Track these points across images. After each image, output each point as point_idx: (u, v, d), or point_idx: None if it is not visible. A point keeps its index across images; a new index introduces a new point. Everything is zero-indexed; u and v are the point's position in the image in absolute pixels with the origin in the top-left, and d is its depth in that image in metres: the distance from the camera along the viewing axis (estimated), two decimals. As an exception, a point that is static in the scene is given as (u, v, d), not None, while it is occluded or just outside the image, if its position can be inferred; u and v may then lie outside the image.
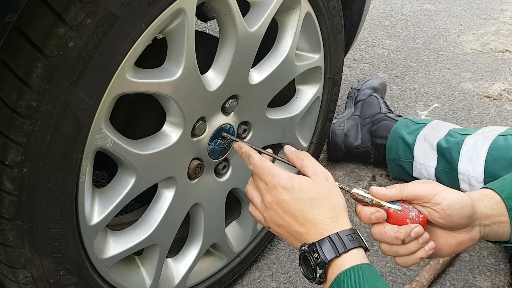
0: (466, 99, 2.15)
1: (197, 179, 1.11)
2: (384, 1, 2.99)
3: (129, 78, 0.85)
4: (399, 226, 0.88)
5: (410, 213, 0.89)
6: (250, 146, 0.98)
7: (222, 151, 1.12)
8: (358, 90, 1.88)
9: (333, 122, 1.77)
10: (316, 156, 1.45)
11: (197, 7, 0.91)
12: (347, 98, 1.91)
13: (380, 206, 0.89)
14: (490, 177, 1.41)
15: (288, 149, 0.96)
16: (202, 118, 1.04)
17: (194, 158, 1.07)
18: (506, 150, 1.41)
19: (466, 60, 2.43)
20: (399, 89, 2.21)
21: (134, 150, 0.93)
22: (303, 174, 0.90)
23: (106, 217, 0.94)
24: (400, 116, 1.75)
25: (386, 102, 1.84)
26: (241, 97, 1.09)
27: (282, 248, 1.50)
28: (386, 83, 2.02)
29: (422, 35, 2.64)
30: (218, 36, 1.03)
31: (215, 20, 1.02)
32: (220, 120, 1.08)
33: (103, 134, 0.86)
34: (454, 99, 2.15)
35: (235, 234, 1.32)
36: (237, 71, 1.04)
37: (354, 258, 0.81)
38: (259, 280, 1.41)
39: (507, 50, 2.50)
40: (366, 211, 0.89)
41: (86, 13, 0.74)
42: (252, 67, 1.09)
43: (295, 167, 0.93)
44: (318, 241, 0.82)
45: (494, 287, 1.40)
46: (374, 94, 1.85)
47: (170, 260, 1.18)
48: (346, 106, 1.89)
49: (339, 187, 0.90)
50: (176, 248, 1.18)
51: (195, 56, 0.94)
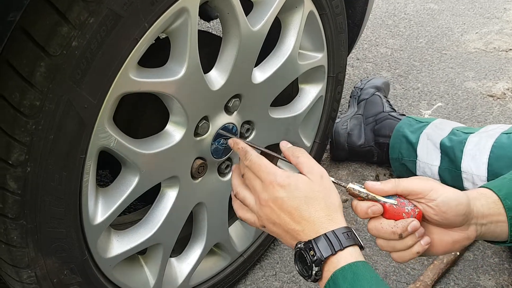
0: (469, 98, 2.14)
1: (200, 179, 1.10)
2: (387, 0, 2.98)
3: (132, 78, 0.85)
4: (396, 221, 0.88)
5: (405, 207, 0.89)
6: (246, 143, 0.98)
7: (225, 151, 1.11)
8: (361, 89, 1.88)
9: (336, 121, 1.77)
10: (319, 155, 1.45)
11: (200, 6, 0.91)
12: (350, 97, 1.91)
13: (375, 200, 0.89)
14: (493, 175, 1.40)
15: (283, 145, 0.95)
16: (205, 118, 1.04)
17: (197, 158, 1.07)
18: (510, 149, 1.40)
19: (469, 59, 2.42)
20: (403, 88, 2.21)
21: (138, 150, 0.93)
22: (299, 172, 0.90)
23: (109, 216, 0.94)
24: (403, 115, 1.74)
25: (389, 101, 1.83)
26: (244, 96, 1.09)
27: (286, 247, 1.50)
28: (389, 82, 2.01)
29: (425, 34, 2.64)
30: (221, 35, 1.03)
31: (218, 19, 1.02)
32: (223, 119, 1.08)
33: (107, 134, 0.86)
34: (458, 98, 2.14)
35: (239, 234, 1.32)
36: (240, 70, 1.04)
37: (350, 255, 0.81)
38: (263, 279, 1.41)
39: (511, 49, 2.49)
40: (363, 206, 0.89)
41: (89, 12, 0.74)
42: (255, 66, 1.09)
43: (291, 164, 0.93)
44: (314, 238, 0.83)
45: (498, 287, 1.39)
46: (377, 93, 1.84)
47: (173, 259, 1.18)
48: (349, 105, 1.89)
49: (335, 183, 0.90)
50: (179, 247, 1.18)
51: (198, 55, 0.94)
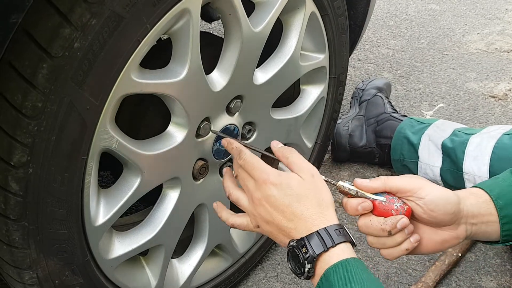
0: (471, 99, 2.14)
1: (202, 180, 1.10)
2: (388, 1, 2.98)
3: (134, 79, 0.85)
4: (385, 218, 0.88)
5: (394, 204, 0.89)
6: (240, 143, 0.98)
7: (227, 152, 1.11)
8: (363, 90, 1.88)
9: (337, 122, 1.76)
10: (321, 156, 1.45)
11: (202, 8, 0.91)
12: (352, 98, 1.90)
13: (365, 198, 0.90)
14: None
15: (274, 145, 0.96)
16: (207, 119, 1.04)
17: (199, 159, 1.07)
18: (511, 149, 1.40)
19: (471, 60, 2.42)
20: (404, 89, 2.21)
21: (139, 151, 0.93)
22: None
23: (111, 217, 0.94)
24: (405, 116, 1.74)
25: (391, 102, 1.83)
26: (245, 97, 1.09)
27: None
28: (391, 83, 2.01)
29: (426, 35, 2.64)
30: (223, 36, 1.03)
31: (220, 20, 1.02)
32: (224, 120, 1.08)
33: (109, 135, 0.86)
34: (459, 99, 2.14)
35: (240, 235, 1.31)
36: (241, 72, 1.04)
37: (342, 252, 0.82)
38: (264, 280, 1.41)
39: (512, 50, 2.49)
40: (352, 203, 0.89)
41: (91, 13, 0.74)
42: (256, 67, 1.09)
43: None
44: (306, 236, 0.83)
45: (500, 288, 1.39)
46: (379, 94, 1.84)
47: (175, 260, 1.18)
48: (350, 106, 1.89)
49: (326, 181, 0.91)
50: (181, 248, 1.18)
51: (200, 56, 0.94)
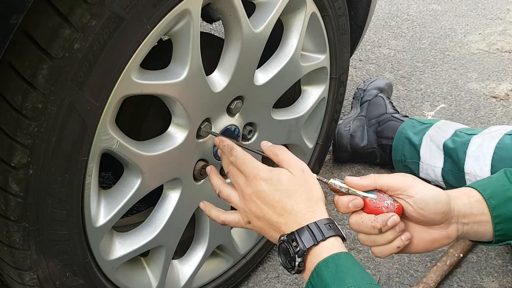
0: (472, 100, 2.14)
1: (202, 181, 1.10)
2: (390, 1, 2.98)
3: (134, 80, 0.85)
4: (376, 215, 0.88)
5: (385, 201, 0.89)
6: (232, 141, 0.99)
7: (228, 152, 1.11)
8: (364, 90, 1.88)
9: (339, 123, 1.76)
10: (322, 157, 1.44)
11: (202, 9, 0.91)
12: (353, 98, 1.90)
13: (356, 195, 0.90)
14: (497, 177, 1.40)
15: (264, 144, 0.97)
16: (208, 119, 1.04)
17: (199, 160, 1.07)
18: (513, 150, 1.40)
19: (472, 60, 2.42)
20: (406, 89, 2.20)
21: (140, 152, 0.93)
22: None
23: (112, 218, 0.94)
24: (406, 116, 1.74)
25: (392, 103, 1.83)
26: (246, 98, 1.09)
27: (288, 249, 1.50)
28: (392, 84, 2.01)
29: (428, 36, 2.63)
30: (224, 37, 1.03)
31: (221, 21, 1.02)
32: (225, 121, 1.08)
33: (109, 136, 0.86)
34: (461, 100, 2.14)
35: (241, 236, 1.31)
36: (242, 72, 1.04)
37: (332, 246, 0.82)
38: (265, 281, 1.41)
39: (514, 50, 2.49)
40: (343, 200, 0.90)
41: (92, 14, 0.74)
42: (257, 68, 1.09)
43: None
44: (296, 230, 0.84)
45: (502, 289, 1.39)
46: (380, 94, 1.84)
47: (176, 261, 1.18)
48: (352, 107, 1.89)
49: (317, 179, 0.91)
50: (182, 249, 1.18)
51: (201, 57, 0.94)
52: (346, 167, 1.80)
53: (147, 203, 1.31)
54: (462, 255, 1.43)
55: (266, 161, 0.95)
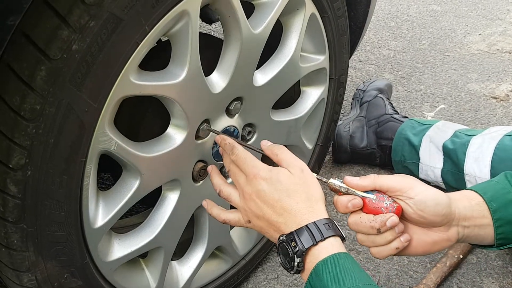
0: (472, 100, 2.13)
1: (201, 182, 1.10)
2: (389, 2, 2.98)
3: (133, 81, 0.85)
4: (375, 215, 0.88)
5: (384, 202, 0.89)
6: (233, 139, 0.99)
7: (227, 153, 1.11)
8: (364, 91, 1.88)
9: (338, 123, 1.76)
10: (321, 158, 1.44)
11: (201, 9, 0.91)
12: (353, 99, 1.90)
13: (355, 195, 0.90)
14: (497, 178, 1.40)
15: (264, 144, 0.98)
16: (207, 121, 1.03)
17: (198, 161, 1.07)
18: (513, 151, 1.40)
19: (472, 61, 2.41)
20: (405, 90, 2.20)
21: (138, 153, 0.93)
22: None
23: (110, 219, 0.93)
24: (406, 117, 1.74)
25: (392, 104, 1.83)
26: (245, 99, 1.09)
27: (288, 250, 1.49)
28: (392, 84, 2.01)
29: (428, 36, 2.63)
30: (223, 38, 1.02)
31: (220, 22, 1.02)
32: (224, 122, 1.07)
33: (107, 137, 0.86)
34: (461, 100, 2.14)
35: (240, 236, 1.31)
36: (241, 73, 1.04)
37: (331, 246, 0.82)
38: (265, 283, 1.41)
39: (514, 51, 2.48)
40: (343, 200, 0.90)
41: (90, 15, 0.74)
42: (256, 69, 1.09)
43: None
44: (295, 230, 0.84)
45: (502, 290, 1.39)
46: (379, 95, 1.84)
47: (175, 262, 1.18)
48: (351, 108, 1.88)
49: (317, 178, 0.91)
50: (180, 250, 1.18)
51: (199, 58, 0.93)
52: (345, 168, 1.79)
53: (146, 204, 1.30)
54: (462, 256, 1.43)
55: (267, 160, 0.95)
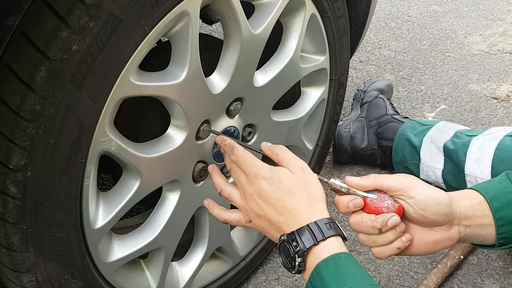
0: (473, 101, 2.13)
1: (202, 182, 1.10)
2: (390, 2, 2.98)
3: (133, 81, 0.85)
4: (376, 215, 0.88)
5: (385, 201, 0.88)
6: (233, 140, 0.99)
7: (227, 154, 1.11)
8: (364, 92, 1.87)
9: (339, 124, 1.76)
10: (322, 158, 1.44)
11: (201, 10, 0.91)
12: (353, 100, 1.90)
13: (356, 195, 0.90)
14: (497, 179, 1.39)
15: (264, 145, 0.98)
16: (207, 121, 1.03)
17: (199, 161, 1.07)
18: (514, 152, 1.39)
19: (473, 61, 2.41)
20: (406, 90, 2.20)
21: (139, 153, 0.93)
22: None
23: (110, 220, 0.93)
24: (406, 118, 1.74)
25: (392, 104, 1.83)
26: (245, 99, 1.09)
27: (288, 251, 1.49)
28: (392, 85, 2.01)
29: (428, 37, 2.63)
30: (223, 38, 1.02)
31: (220, 22, 1.02)
32: (224, 122, 1.07)
33: (107, 138, 0.86)
34: (462, 101, 2.13)
35: (241, 237, 1.31)
36: (241, 74, 1.04)
37: (332, 246, 0.82)
38: (265, 283, 1.41)
39: (515, 51, 2.48)
40: (344, 200, 0.90)
41: (90, 16, 0.74)
42: (256, 70, 1.09)
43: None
44: (297, 230, 0.84)
45: (503, 291, 1.38)
46: (380, 96, 1.84)
47: (175, 263, 1.18)
48: (352, 108, 1.88)
49: (318, 179, 0.91)
50: (181, 251, 1.18)
51: (199, 58, 0.93)
52: (346, 169, 1.79)
53: (146, 205, 1.30)
54: (462, 257, 1.43)
55: (267, 161, 0.95)
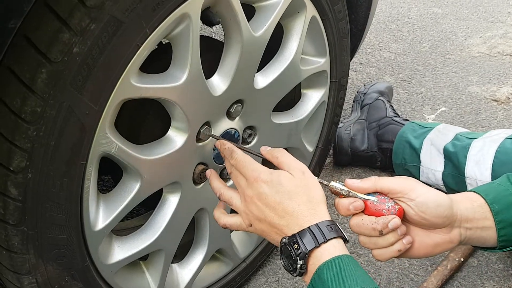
0: (473, 103, 2.13)
1: (202, 184, 1.10)
2: (390, 4, 2.98)
3: (134, 83, 0.85)
4: (377, 217, 0.88)
5: (386, 204, 0.88)
6: (233, 144, 0.99)
7: (228, 156, 1.11)
8: (365, 94, 1.88)
9: (339, 126, 1.76)
10: (322, 160, 1.44)
11: (202, 12, 0.91)
12: (353, 102, 1.90)
13: (356, 198, 0.89)
14: (498, 181, 1.39)
15: (263, 149, 0.98)
16: (207, 123, 1.03)
17: (199, 163, 1.07)
18: (514, 154, 1.39)
19: (473, 63, 2.41)
20: (406, 93, 2.20)
21: (139, 155, 0.93)
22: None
23: (111, 222, 0.93)
24: (407, 120, 1.74)
25: (392, 106, 1.83)
26: (246, 101, 1.09)
27: (288, 253, 1.49)
28: (392, 87, 2.01)
29: (429, 39, 2.63)
30: (223, 40, 1.02)
31: (220, 24, 1.02)
32: (225, 124, 1.07)
33: (108, 140, 0.86)
34: (462, 103, 2.13)
35: (241, 239, 1.31)
36: (242, 76, 1.04)
37: (334, 248, 0.82)
38: (265, 285, 1.41)
39: (515, 53, 2.48)
40: (344, 202, 0.90)
41: (91, 18, 0.74)
42: (257, 72, 1.09)
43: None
44: (298, 232, 0.83)
45: (503, 293, 1.38)
46: (380, 98, 1.84)
47: (175, 265, 1.18)
48: (352, 110, 1.88)
49: (318, 181, 0.91)
50: (181, 253, 1.18)
51: (200, 61, 0.94)
52: (346, 171, 1.79)
53: (147, 207, 1.30)
54: (463, 259, 1.43)
55: (267, 164, 0.95)
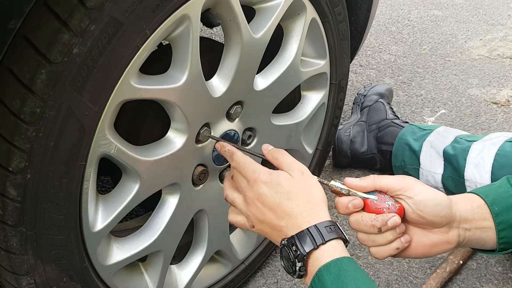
0: (473, 105, 2.13)
1: (201, 186, 1.10)
2: (390, 6, 2.98)
3: (133, 85, 0.85)
4: (377, 214, 0.88)
5: (386, 202, 0.88)
6: (233, 145, 0.99)
7: (227, 158, 1.11)
8: (364, 96, 1.88)
9: (339, 128, 1.76)
10: (321, 162, 1.44)
11: (202, 14, 0.91)
12: (353, 104, 1.90)
13: (356, 196, 0.90)
14: (497, 184, 1.39)
15: (265, 147, 0.98)
16: (207, 124, 1.03)
17: (198, 164, 1.07)
18: (513, 157, 1.39)
19: (473, 66, 2.42)
20: (406, 95, 2.20)
21: (138, 156, 0.93)
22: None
23: (110, 223, 0.93)
24: (406, 122, 1.74)
25: (392, 108, 1.83)
26: (246, 103, 1.09)
27: (287, 255, 1.49)
28: (392, 89, 2.01)
29: (429, 41, 2.63)
30: (223, 42, 1.02)
31: (220, 26, 1.02)
32: (224, 126, 1.07)
33: (107, 141, 0.86)
34: (461, 105, 2.13)
35: (240, 241, 1.31)
36: (242, 77, 1.04)
37: (333, 249, 0.82)
38: (264, 287, 1.40)
39: (515, 56, 2.49)
40: (343, 201, 0.90)
41: (91, 19, 0.74)
42: (257, 73, 1.09)
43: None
44: (296, 234, 0.83)
45: (502, 296, 1.38)
46: (380, 100, 1.84)
47: (174, 266, 1.18)
48: (352, 112, 1.88)
49: (319, 181, 0.91)
50: (180, 254, 1.18)
51: (200, 62, 0.94)
52: (346, 173, 1.79)
53: (146, 208, 1.30)
54: (462, 262, 1.43)
55: (268, 164, 0.95)
